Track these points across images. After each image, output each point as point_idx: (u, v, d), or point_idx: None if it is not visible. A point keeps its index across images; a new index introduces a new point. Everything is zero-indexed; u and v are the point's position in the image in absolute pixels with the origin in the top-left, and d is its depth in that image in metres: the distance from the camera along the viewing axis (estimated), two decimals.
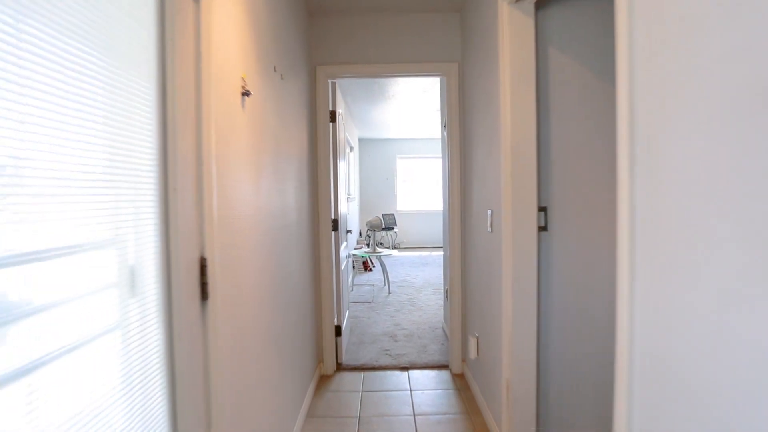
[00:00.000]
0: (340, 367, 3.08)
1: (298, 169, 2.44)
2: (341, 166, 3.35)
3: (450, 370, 3.00)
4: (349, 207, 5.33)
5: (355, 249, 6.25)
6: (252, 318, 1.51)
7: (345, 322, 3.32)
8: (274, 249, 1.84)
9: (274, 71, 1.90)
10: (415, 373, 2.97)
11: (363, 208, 9.36)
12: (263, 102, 1.71)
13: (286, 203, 2.14)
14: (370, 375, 2.95)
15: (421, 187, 9.77)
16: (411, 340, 3.61)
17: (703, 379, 0.73)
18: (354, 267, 6.63)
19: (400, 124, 7.86)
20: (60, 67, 0.65)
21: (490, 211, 2.18)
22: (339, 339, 3.09)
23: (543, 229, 1.96)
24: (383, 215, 7.99)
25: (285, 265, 2.05)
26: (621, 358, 0.95)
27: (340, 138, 3.29)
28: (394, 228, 8.29)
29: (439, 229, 8.03)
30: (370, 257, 6.83)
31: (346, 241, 3.67)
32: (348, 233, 3.86)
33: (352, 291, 5.50)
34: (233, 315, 1.30)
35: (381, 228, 6.13)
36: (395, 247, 9.10)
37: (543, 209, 1.95)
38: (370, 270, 6.99)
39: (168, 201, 0.92)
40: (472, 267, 2.71)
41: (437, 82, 4.52)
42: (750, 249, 0.64)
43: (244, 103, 1.43)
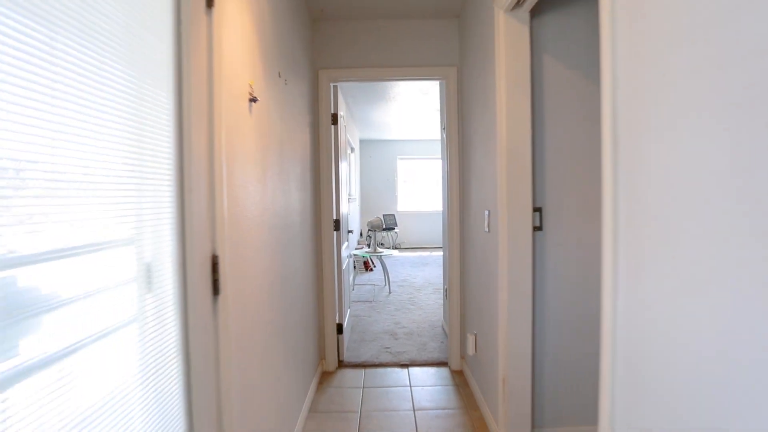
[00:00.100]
0: (341, 364, 3.15)
1: (301, 170, 2.51)
2: (343, 167, 3.42)
3: (449, 367, 3.07)
4: (350, 207, 5.40)
5: (356, 249, 6.31)
6: (257, 314, 1.57)
7: (346, 321, 3.39)
8: (278, 248, 1.91)
9: (279, 77, 1.97)
10: (415, 370, 3.04)
11: (364, 209, 9.43)
12: (269, 107, 1.78)
13: (290, 204, 2.21)
14: (371, 372, 3.02)
15: (422, 188, 9.84)
16: (411, 338, 3.68)
17: (667, 362, 0.80)
18: (355, 267, 6.69)
19: (401, 126, 7.93)
20: (88, 80, 0.71)
21: (488, 211, 2.25)
22: (340, 336, 3.16)
23: (538, 228, 2.03)
24: (384, 216, 8.06)
25: (289, 264, 2.12)
26: (606, 349, 1.02)
27: (341, 140, 3.36)
28: (394, 228, 8.35)
29: (440, 230, 8.11)
30: (371, 257, 6.90)
31: (348, 241, 3.74)
32: (349, 233, 3.93)
33: (353, 290, 5.57)
34: (240, 311, 1.37)
35: (382, 228, 6.19)
36: (396, 247, 9.17)
37: (538, 210, 2.02)
38: (371, 270, 7.07)
39: (184, 201, 0.99)
40: (470, 266, 2.78)
41: (437, 84, 4.59)
42: (710, 245, 0.71)
43: (251, 109, 1.50)
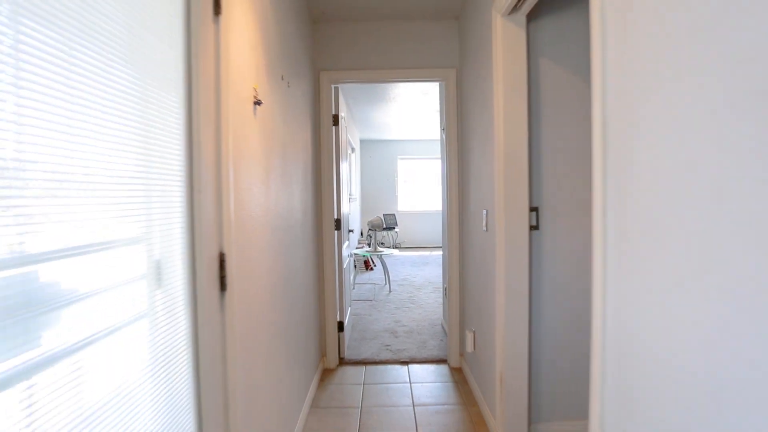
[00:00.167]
0: (342, 361, 3.20)
1: (303, 170, 2.56)
2: (343, 167, 3.47)
3: (448, 365, 3.11)
4: (350, 207, 5.44)
5: (357, 248, 6.36)
6: (261, 315, 1.62)
7: (347, 319, 3.44)
8: (281, 249, 1.96)
9: (282, 79, 2.02)
10: (415, 367, 3.09)
11: (364, 209, 9.48)
12: (272, 109, 1.83)
13: (292, 204, 2.26)
14: (372, 369, 3.07)
15: (422, 188, 9.89)
16: (411, 336, 3.73)
17: (654, 360, 0.85)
18: (356, 266, 6.74)
19: (401, 126, 7.97)
20: (103, 86, 0.75)
21: (485, 211, 2.29)
22: (341, 334, 3.21)
23: (534, 228, 2.07)
24: (384, 215, 8.11)
25: (291, 263, 2.17)
26: (595, 350, 1.07)
27: (342, 140, 3.41)
28: (395, 228, 8.40)
29: (440, 229, 8.15)
30: (372, 256, 6.95)
31: (348, 240, 3.79)
32: (350, 233, 3.98)
33: (354, 289, 5.62)
34: (245, 311, 1.42)
35: (382, 228, 6.24)
36: (396, 246, 9.22)
37: (534, 209, 2.07)
38: (372, 269, 7.12)
39: (193, 201, 1.04)
40: (469, 264, 2.83)
41: (437, 85, 4.63)
42: (693, 246, 0.76)
43: (255, 112, 1.55)
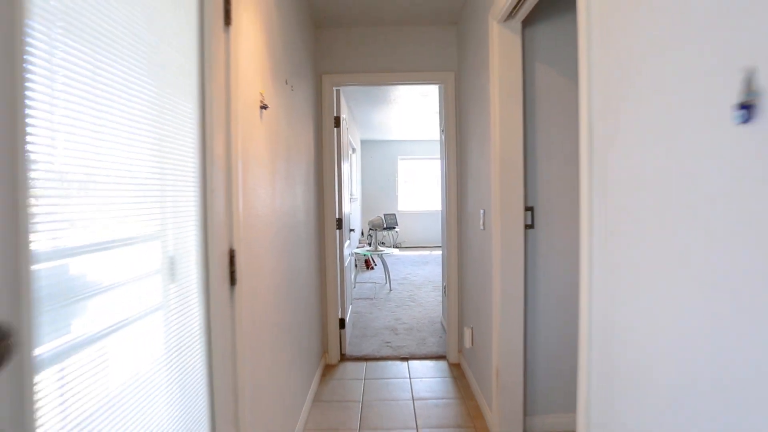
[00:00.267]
0: (343, 357, 3.28)
1: (305, 171, 2.63)
2: (345, 167, 3.55)
3: (447, 360, 3.19)
4: (351, 207, 5.51)
5: (358, 248, 6.43)
6: (266, 315, 1.69)
7: (348, 316, 3.51)
8: (285, 248, 2.03)
9: (286, 83, 2.09)
10: (415, 363, 3.16)
11: (365, 208, 9.55)
12: (277, 113, 1.91)
13: (296, 204, 2.33)
14: (372, 365, 3.15)
15: (422, 188, 9.97)
16: (411, 333, 3.80)
17: (636, 353, 0.92)
18: (356, 265, 6.82)
19: (401, 127, 8.05)
20: (126, 95, 0.83)
21: (483, 210, 2.37)
22: (343, 331, 3.29)
23: (530, 227, 2.15)
24: (385, 215, 8.18)
25: (294, 261, 2.25)
26: (582, 343, 1.14)
27: (343, 141, 3.48)
28: (395, 227, 8.48)
29: (439, 229, 8.19)
30: (372, 256, 7.03)
31: (349, 239, 3.86)
32: (351, 232, 4.05)
33: (355, 288, 5.69)
34: (252, 302, 1.49)
35: (382, 227, 6.32)
36: (396, 246, 9.30)
37: (530, 209, 2.14)
38: (372, 268, 7.19)
39: (206, 201, 1.11)
40: (468, 263, 2.90)
41: (437, 87, 4.70)
42: (673, 245, 0.83)
43: (262, 116, 1.63)
